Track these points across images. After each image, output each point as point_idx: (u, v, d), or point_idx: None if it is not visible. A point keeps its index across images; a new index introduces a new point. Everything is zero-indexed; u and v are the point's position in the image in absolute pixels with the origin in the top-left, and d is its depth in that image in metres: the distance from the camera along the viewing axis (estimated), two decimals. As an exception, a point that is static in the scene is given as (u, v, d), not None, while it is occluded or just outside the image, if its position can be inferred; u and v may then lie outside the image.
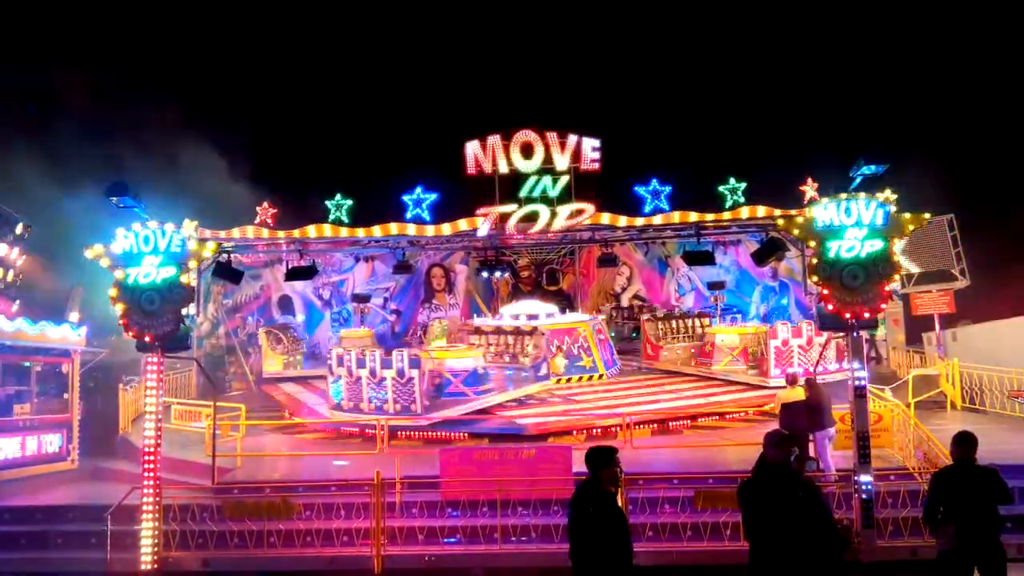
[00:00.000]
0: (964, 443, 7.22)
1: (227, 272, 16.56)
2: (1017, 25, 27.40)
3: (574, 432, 15.80)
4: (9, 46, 25.13)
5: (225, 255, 16.37)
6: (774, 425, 11.36)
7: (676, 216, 16.87)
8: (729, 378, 20.13)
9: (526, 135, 16.54)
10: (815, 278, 10.39)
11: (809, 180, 19.61)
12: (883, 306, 10.48)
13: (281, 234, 17.57)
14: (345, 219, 16.88)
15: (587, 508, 5.91)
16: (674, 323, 23.40)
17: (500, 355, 20.42)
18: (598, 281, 27.77)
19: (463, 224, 17.07)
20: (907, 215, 10.44)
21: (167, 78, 29.17)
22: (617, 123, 27.05)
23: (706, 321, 23.50)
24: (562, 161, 16.42)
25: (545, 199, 16.51)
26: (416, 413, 16.09)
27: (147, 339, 10.79)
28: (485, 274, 24.65)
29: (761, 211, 16.76)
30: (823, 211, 10.35)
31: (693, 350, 22.53)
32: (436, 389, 17.36)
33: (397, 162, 28.09)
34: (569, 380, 20.41)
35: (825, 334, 16.23)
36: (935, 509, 7.15)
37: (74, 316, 18.80)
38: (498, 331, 21.00)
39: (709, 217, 16.99)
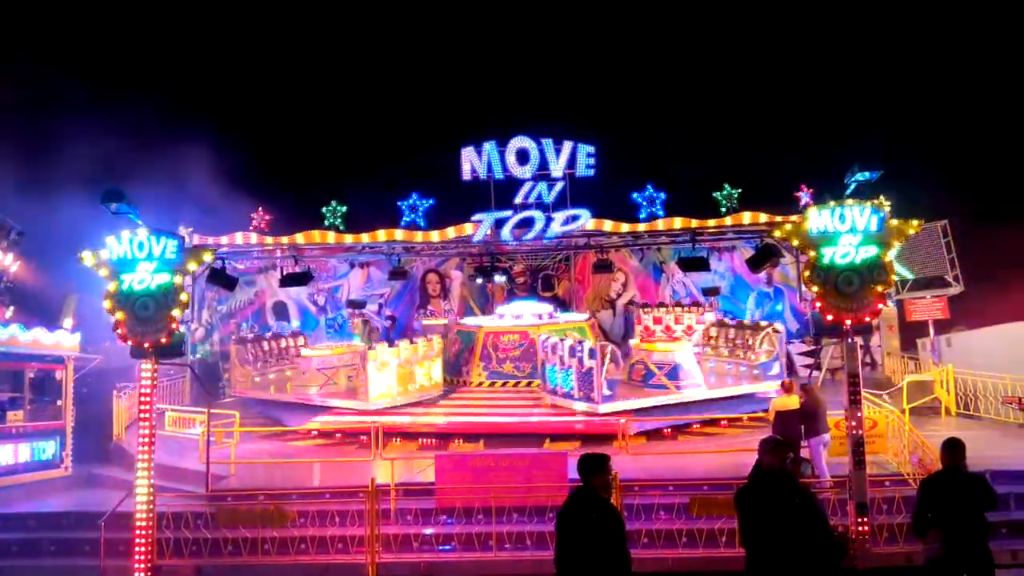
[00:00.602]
0: (951, 450, 7.26)
1: (221, 278, 16.52)
2: (1011, 30, 27.56)
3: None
4: (2, 50, 25.10)
5: (219, 261, 16.34)
6: (768, 432, 11.36)
7: (671, 222, 16.91)
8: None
9: (521, 141, 16.58)
10: (810, 284, 10.40)
11: (803, 186, 19.70)
12: (880, 307, 10.49)
13: (274, 240, 17.57)
14: (340, 225, 16.89)
15: (589, 514, 5.88)
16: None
17: (733, 351, 20.15)
18: (593, 287, 27.77)
19: (458, 230, 17.09)
20: (901, 221, 10.47)
21: (161, 83, 29.17)
22: (612, 130, 27.14)
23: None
24: (557, 167, 16.47)
25: (540, 205, 16.54)
26: (595, 401, 16.51)
27: (141, 345, 10.74)
28: (480, 280, 24.58)
29: (756, 217, 16.83)
30: (817, 217, 10.36)
31: None
32: (641, 380, 18.09)
33: (393, 168, 28.15)
34: (505, 384, 20.57)
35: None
36: (923, 516, 7.18)
37: (68, 322, 18.73)
38: (740, 326, 20.59)
39: (706, 223, 17.04)
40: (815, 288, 10.24)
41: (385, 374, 18.48)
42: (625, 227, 17.31)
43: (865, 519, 9.81)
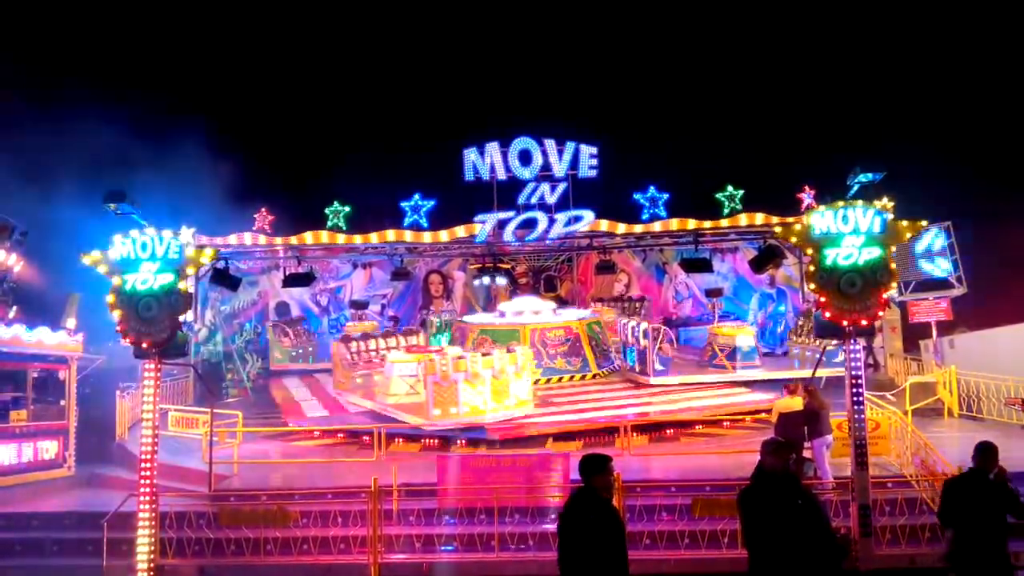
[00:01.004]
0: (982, 453, 7.31)
1: (224, 279, 16.58)
2: (1013, 31, 27.52)
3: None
4: (4, 49, 25.14)
5: (223, 261, 16.39)
6: (771, 433, 11.36)
7: (674, 223, 16.95)
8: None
9: (524, 142, 16.63)
10: (812, 286, 10.38)
11: (806, 188, 19.70)
12: (880, 313, 10.48)
13: (278, 240, 17.63)
14: (343, 226, 16.93)
15: (587, 515, 5.87)
16: None
17: (813, 338, 20.55)
18: (596, 288, 27.78)
19: (461, 231, 17.12)
20: (904, 222, 10.46)
21: (164, 83, 29.22)
22: (614, 130, 27.15)
23: None
24: (560, 168, 16.49)
25: (543, 206, 16.56)
26: (647, 374, 19.16)
27: (144, 346, 10.74)
28: (482, 280, 24.58)
29: (759, 219, 16.86)
30: (820, 218, 10.34)
31: None
32: (708, 360, 20.67)
33: (395, 169, 28.15)
34: (560, 379, 20.43)
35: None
36: (946, 516, 7.19)
37: (71, 322, 18.76)
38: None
39: (707, 224, 17.06)
40: (818, 289, 10.24)
41: (465, 389, 15.85)
42: (628, 228, 17.33)
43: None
